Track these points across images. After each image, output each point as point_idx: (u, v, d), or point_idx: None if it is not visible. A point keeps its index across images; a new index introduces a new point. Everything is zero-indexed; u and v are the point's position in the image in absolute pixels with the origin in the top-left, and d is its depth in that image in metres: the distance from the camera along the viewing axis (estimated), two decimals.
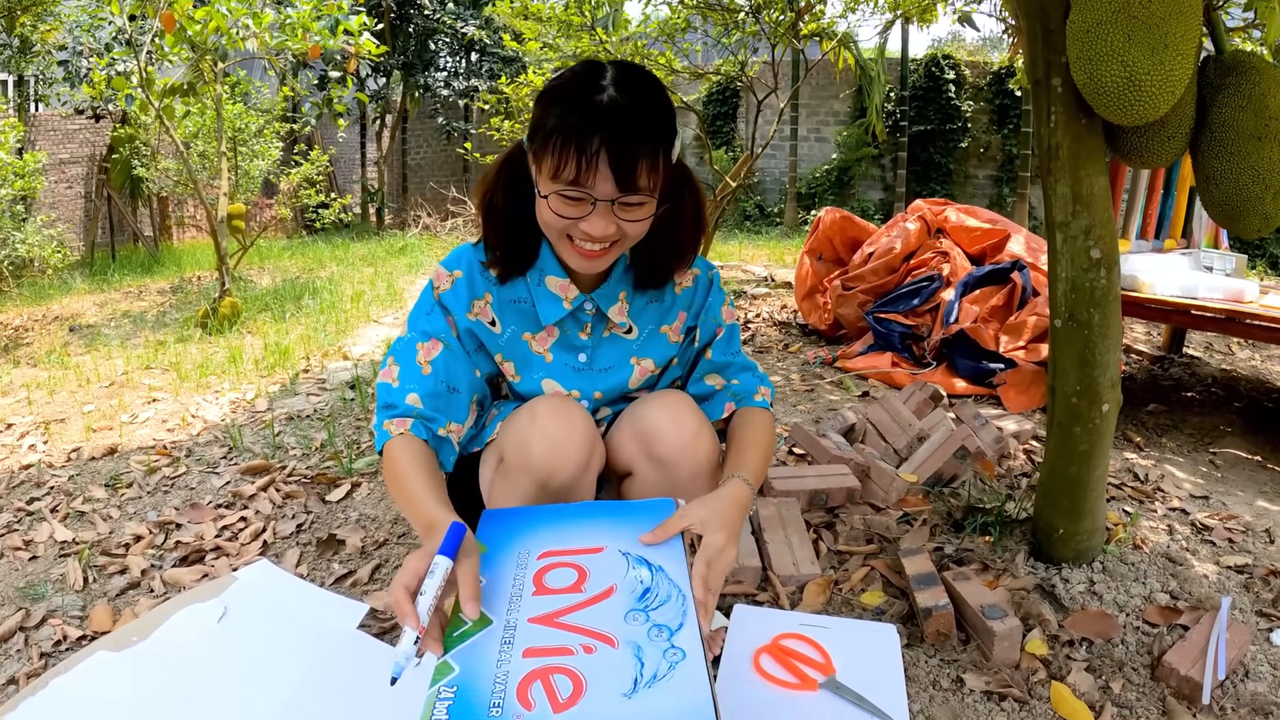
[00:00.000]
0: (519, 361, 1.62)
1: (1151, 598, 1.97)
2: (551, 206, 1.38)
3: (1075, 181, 1.85)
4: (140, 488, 2.68)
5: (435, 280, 1.58)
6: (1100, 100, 1.61)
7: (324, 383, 3.92)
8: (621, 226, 1.41)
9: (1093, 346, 1.93)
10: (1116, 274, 1.92)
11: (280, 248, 10.97)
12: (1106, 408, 1.97)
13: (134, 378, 4.38)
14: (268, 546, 2.23)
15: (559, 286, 1.57)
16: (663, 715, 1.01)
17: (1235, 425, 3.46)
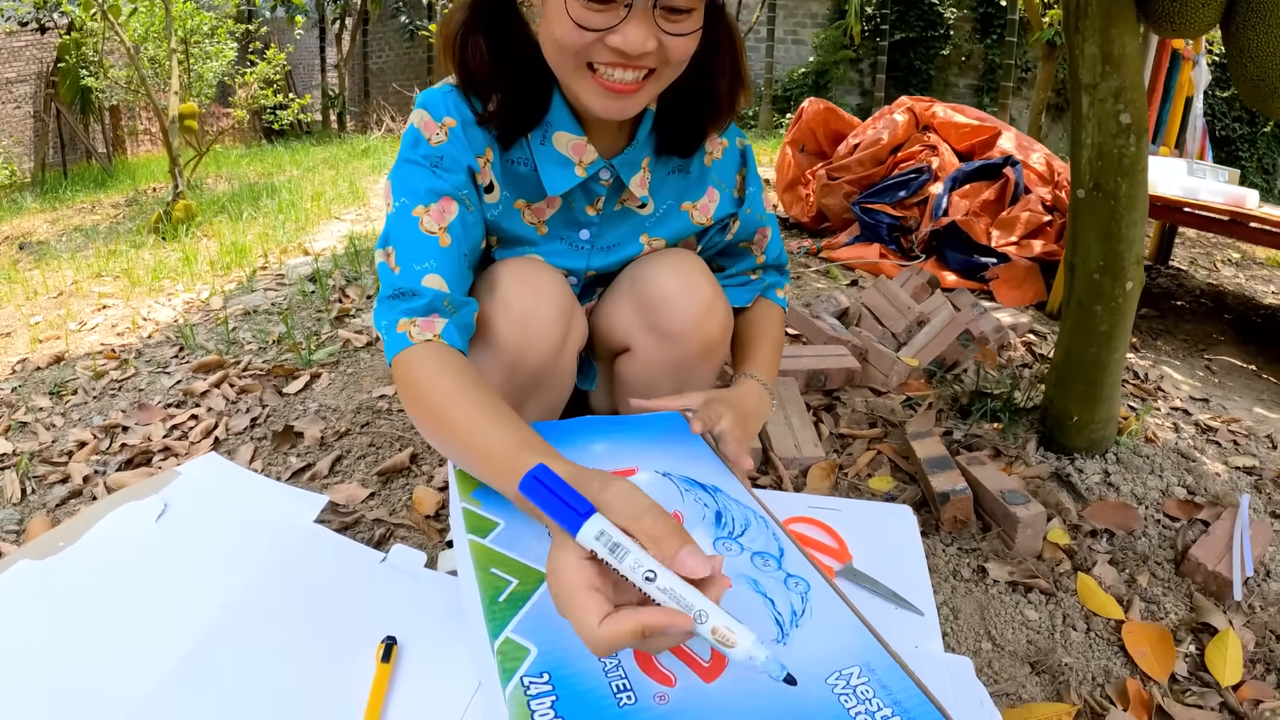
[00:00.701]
0: (504, 233, 1.31)
1: (1169, 491, 1.88)
2: (572, 14, 1.04)
3: (1105, 41, 1.68)
4: (86, 393, 2.48)
5: (422, 129, 1.20)
6: None
7: (283, 278, 3.70)
8: (664, 43, 1.07)
9: (1119, 219, 1.78)
10: (1146, 142, 1.76)
11: (238, 155, 10.56)
12: (1130, 286, 1.83)
13: (84, 287, 4.15)
14: (219, 443, 2.05)
15: (572, 147, 1.23)
16: (828, 659, 0.82)
17: (1227, 335, 3.44)
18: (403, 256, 1.13)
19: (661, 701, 0.75)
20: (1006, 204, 3.91)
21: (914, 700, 0.77)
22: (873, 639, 0.84)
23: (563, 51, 1.09)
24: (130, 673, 1.10)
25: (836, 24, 13.49)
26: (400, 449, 1.93)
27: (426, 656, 1.14)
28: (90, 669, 1.12)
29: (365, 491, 1.75)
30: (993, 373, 2.40)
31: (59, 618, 1.23)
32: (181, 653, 1.14)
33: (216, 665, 1.12)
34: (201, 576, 1.31)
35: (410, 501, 1.72)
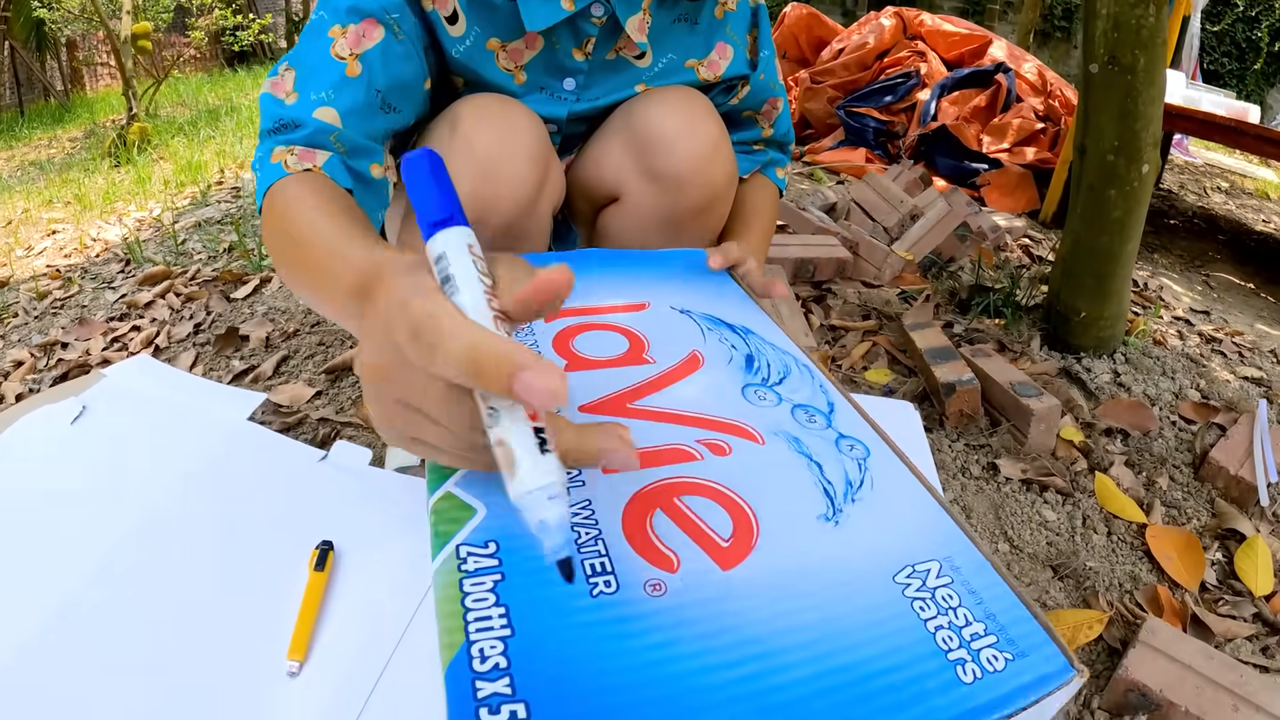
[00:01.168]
0: (474, 77, 1.08)
1: (1182, 394, 1.78)
2: None
3: None
4: (26, 314, 2.32)
5: None
6: None
7: (239, 191, 3.51)
8: None
9: (1136, 95, 1.63)
10: (1165, 12, 1.60)
11: (198, 81, 10.18)
12: (1147, 169, 1.69)
13: (33, 214, 3.94)
14: (159, 351, 1.89)
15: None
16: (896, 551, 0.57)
17: (1223, 254, 3.39)
18: (301, 83, 0.92)
19: (655, 591, 0.52)
20: (998, 111, 3.76)
21: (1012, 613, 0.54)
22: (955, 526, 0.60)
23: None
24: (44, 580, 0.96)
25: None
26: (351, 345, 1.77)
27: (368, 563, 1.00)
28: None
29: (311, 391, 1.59)
30: (991, 271, 2.26)
31: None
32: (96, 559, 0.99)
33: (134, 572, 0.98)
34: (120, 480, 1.16)
35: (358, 400, 1.57)
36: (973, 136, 3.55)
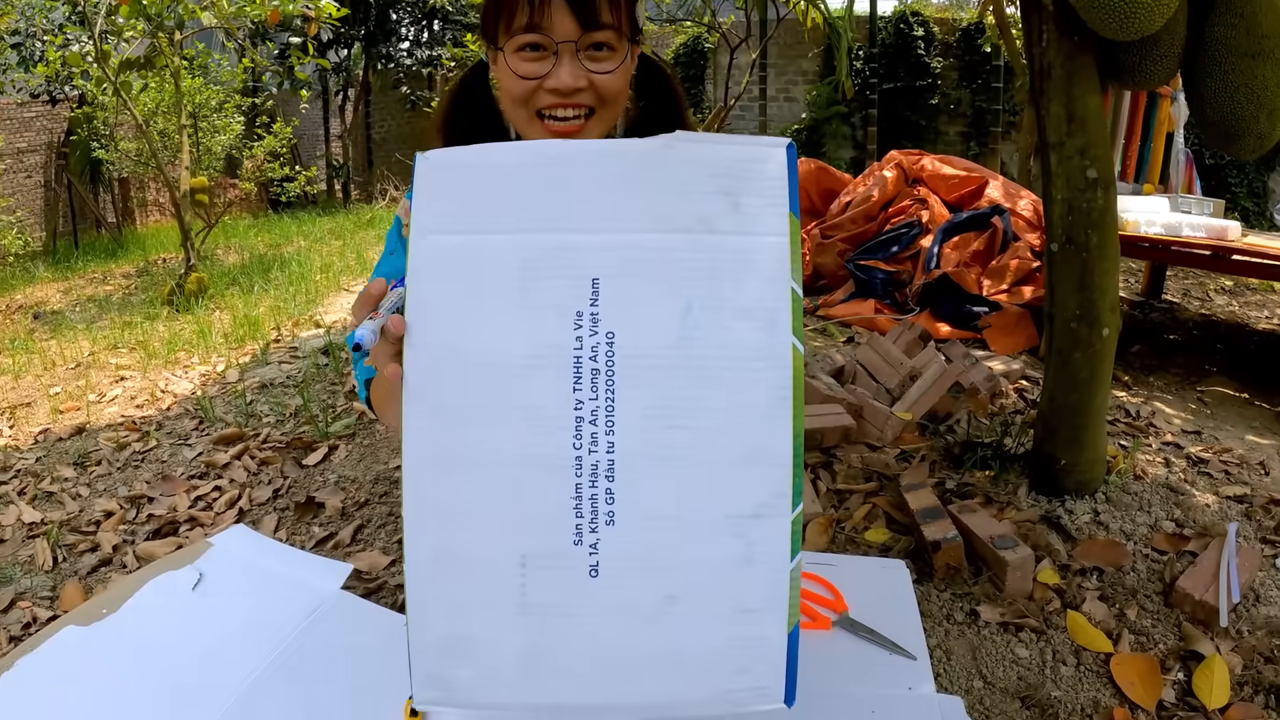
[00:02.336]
0: None
1: (1157, 526, 1.95)
2: (510, 65, 1.23)
3: (1069, 100, 1.79)
4: (110, 464, 2.58)
5: (400, 215, 1.37)
6: (1095, 14, 1.55)
7: (296, 351, 3.82)
8: (593, 80, 1.23)
9: (1091, 269, 1.88)
10: (1113, 194, 1.87)
11: (246, 225, 10.76)
12: (1107, 332, 1.92)
13: (100, 358, 4.25)
14: (244, 514, 2.14)
15: None
16: None
17: (1220, 365, 3.47)
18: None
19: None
20: (996, 252, 4.02)
21: None
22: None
23: (515, 103, 1.25)
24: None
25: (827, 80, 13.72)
26: None
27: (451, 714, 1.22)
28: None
29: (386, 559, 1.84)
30: (984, 420, 2.49)
31: (103, 682, 1.31)
32: (219, 716, 1.22)
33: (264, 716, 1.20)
34: (237, 642, 1.39)
35: None
36: (973, 281, 3.80)
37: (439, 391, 0.84)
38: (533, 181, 0.86)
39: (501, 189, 0.87)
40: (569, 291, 0.84)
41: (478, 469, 0.84)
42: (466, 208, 0.86)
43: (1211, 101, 1.70)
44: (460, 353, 0.84)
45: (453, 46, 13.64)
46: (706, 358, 0.84)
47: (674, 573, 0.85)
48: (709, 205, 0.84)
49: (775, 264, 0.83)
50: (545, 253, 0.84)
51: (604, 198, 0.86)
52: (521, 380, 0.83)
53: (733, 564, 0.85)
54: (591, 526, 0.84)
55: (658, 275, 0.84)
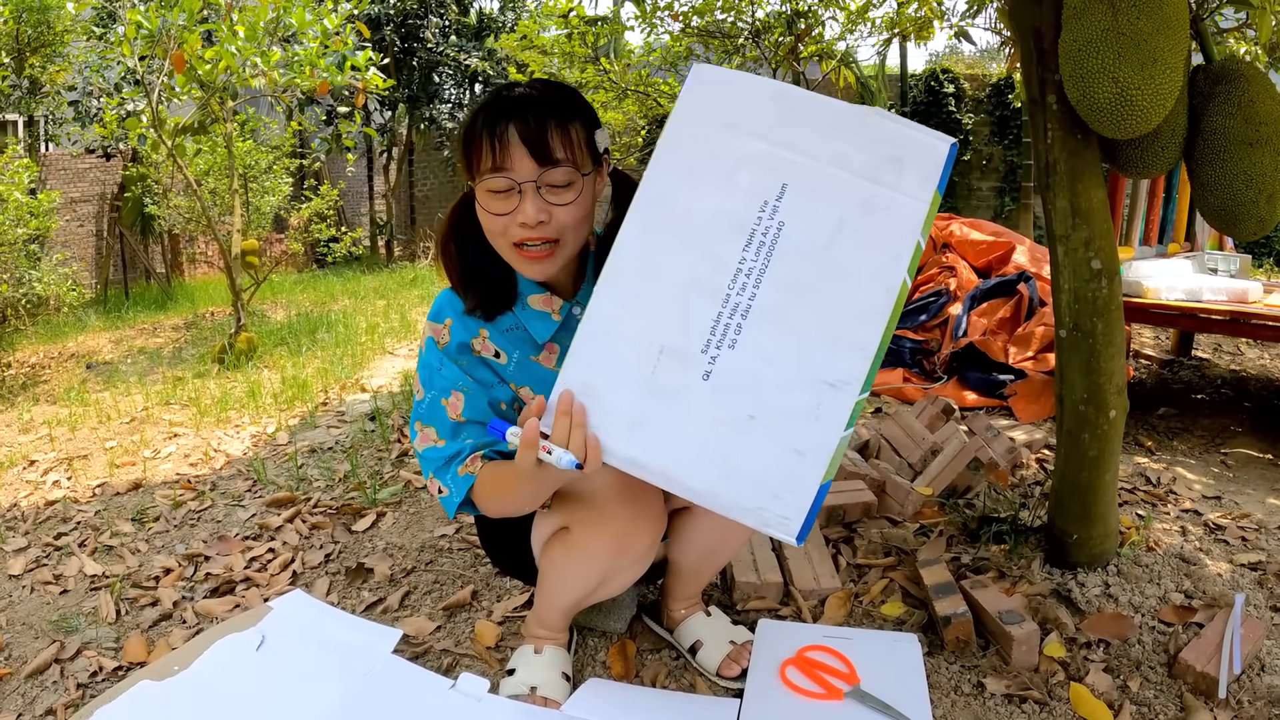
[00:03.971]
0: (535, 383, 1.62)
1: (1166, 598, 2.00)
2: (484, 206, 1.44)
3: (1074, 195, 1.91)
4: (167, 521, 2.73)
5: (433, 336, 1.58)
6: (1094, 116, 1.67)
7: (343, 415, 3.98)
8: (553, 213, 1.43)
9: (1097, 355, 1.97)
10: (1117, 284, 1.97)
11: (292, 281, 11.07)
12: (1114, 414, 2.01)
13: (154, 413, 4.44)
14: (297, 577, 2.27)
15: (542, 302, 1.59)
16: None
17: (1246, 424, 3.50)
18: (443, 432, 1.53)
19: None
20: (1023, 319, 4.12)
21: None
22: None
23: (494, 237, 1.48)
24: None
25: None
26: (462, 586, 2.16)
27: None
28: None
29: (432, 625, 1.97)
30: (1005, 494, 2.58)
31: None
32: None
33: None
34: (301, 702, 1.54)
35: (473, 634, 1.94)
36: (999, 349, 3.90)
37: (654, 219, 1.22)
38: (771, 105, 1.21)
39: (748, 103, 1.21)
40: (766, 185, 1.18)
41: (658, 276, 1.20)
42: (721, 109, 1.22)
43: (1212, 188, 1.81)
44: (677, 200, 1.21)
45: None
46: (842, 263, 1.15)
47: (760, 402, 1.16)
48: (881, 163, 1.16)
49: (912, 218, 1.14)
50: (760, 155, 1.19)
51: (813, 133, 1.18)
52: (712, 230, 1.19)
53: (804, 413, 1.15)
54: (718, 345, 1.17)
55: (829, 196, 1.16)
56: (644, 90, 5.63)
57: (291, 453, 3.34)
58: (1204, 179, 1.83)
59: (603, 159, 1.53)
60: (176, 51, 5.46)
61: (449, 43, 13.87)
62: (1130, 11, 1.58)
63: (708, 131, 1.22)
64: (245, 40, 5.53)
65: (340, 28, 5.94)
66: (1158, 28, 1.58)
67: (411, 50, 13.82)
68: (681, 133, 1.23)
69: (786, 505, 1.16)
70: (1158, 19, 1.58)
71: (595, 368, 1.22)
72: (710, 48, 5.42)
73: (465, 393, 1.54)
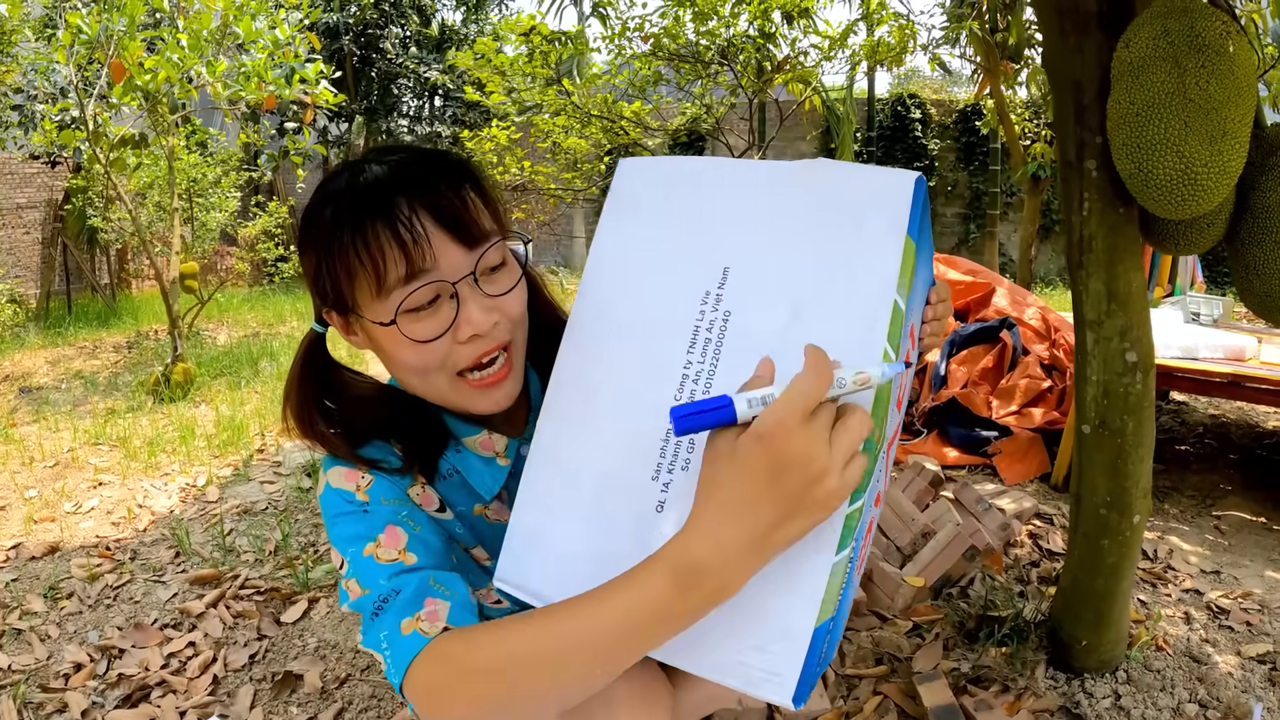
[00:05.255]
0: (490, 541, 1.20)
1: (1180, 709, 1.85)
2: (407, 334, 0.99)
3: (1111, 278, 1.68)
4: (81, 600, 2.45)
5: (341, 483, 1.09)
6: (1149, 193, 1.44)
7: (279, 466, 3.70)
8: (501, 308, 1.04)
9: (1126, 456, 1.76)
10: (1152, 378, 1.75)
11: (240, 299, 10.70)
12: (1138, 519, 1.81)
13: (80, 456, 4.13)
14: (218, 682, 2.01)
15: (482, 445, 1.18)
16: None
17: (1235, 481, 3.41)
18: (371, 579, 0.99)
19: None
20: (1006, 369, 3.93)
21: None
22: None
23: (423, 377, 1.05)
24: None
25: None
26: (402, 703, 1.88)
27: None
28: None
29: None
30: (1001, 582, 2.37)
31: None
32: None
33: None
34: None
35: None
36: (982, 402, 3.70)
37: (588, 332, 1.04)
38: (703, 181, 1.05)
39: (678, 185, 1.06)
40: (704, 273, 1.00)
41: (596, 398, 1.00)
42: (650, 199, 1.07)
43: (1259, 271, 1.58)
44: (613, 307, 1.03)
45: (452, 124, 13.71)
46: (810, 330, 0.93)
47: None
48: (835, 219, 0.97)
49: (883, 277, 0.93)
50: (694, 241, 1.02)
51: (752, 202, 1.02)
52: (650, 338, 0.99)
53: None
54: (669, 469, 0.94)
55: (778, 271, 0.97)
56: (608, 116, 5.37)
57: (218, 516, 3.05)
58: (1250, 260, 1.60)
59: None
60: (116, 59, 5.14)
61: (409, 54, 13.60)
62: (1199, 73, 1.34)
63: (638, 227, 1.06)
64: (188, 50, 5.21)
65: (291, 39, 5.62)
66: (1229, 95, 1.35)
67: (370, 61, 13.53)
68: (610, 236, 1.07)
69: (774, 658, 0.86)
70: (1229, 84, 1.35)
71: (541, 507, 1.00)
72: (680, 71, 5.20)
73: (409, 526, 1.05)
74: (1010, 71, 6.26)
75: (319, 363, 1.14)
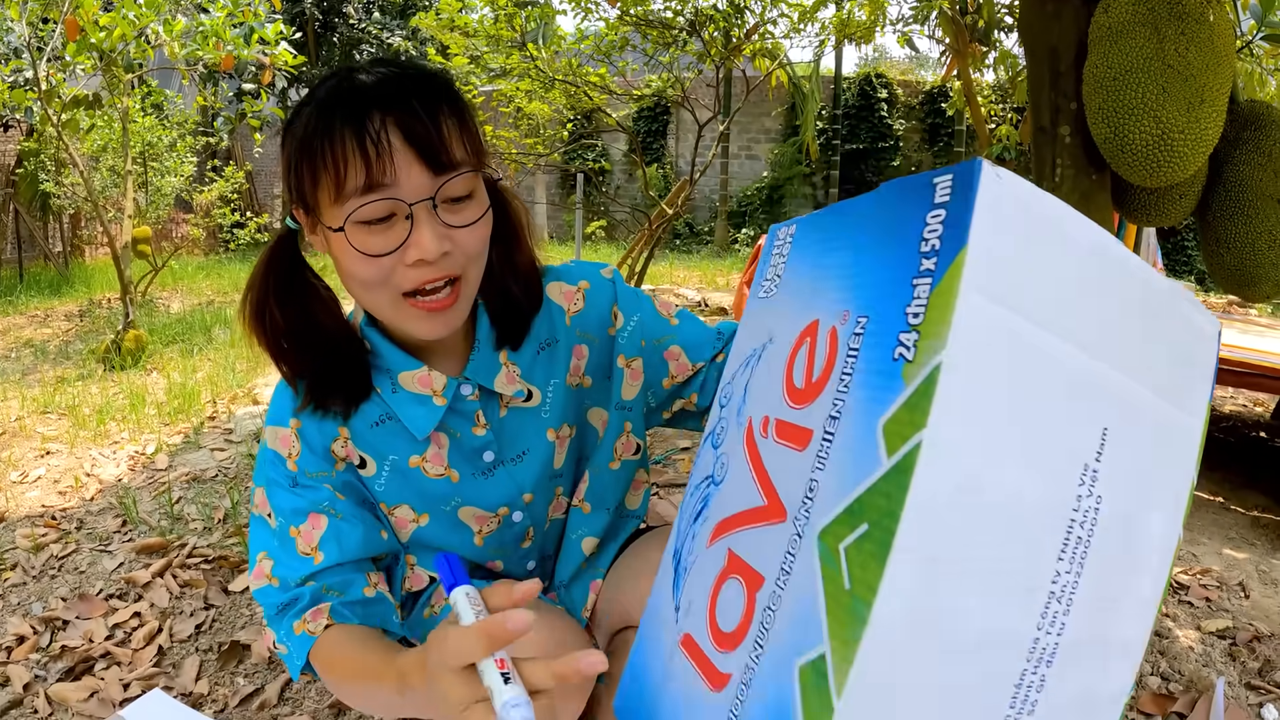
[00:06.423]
0: (418, 499, 1.19)
1: (1143, 683, 1.85)
2: (355, 245, 0.98)
3: None
4: (25, 571, 2.37)
5: (276, 445, 1.13)
6: (1123, 159, 1.41)
7: (230, 434, 3.61)
8: (457, 240, 1.00)
9: None
10: None
11: (195, 267, 10.51)
12: None
13: (28, 425, 4.02)
14: (163, 652, 1.94)
15: (419, 381, 1.14)
16: None
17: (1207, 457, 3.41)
18: (281, 569, 1.09)
19: None
20: None
21: None
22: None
23: (369, 288, 1.02)
24: None
25: (791, 140, 13.77)
26: None
27: None
28: None
29: None
30: None
31: None
32: None
33: None
34: None
35: None
36: None
37: (940, 537, 0.59)
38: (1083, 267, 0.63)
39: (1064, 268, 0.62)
40: (1085, 436, 0.65)
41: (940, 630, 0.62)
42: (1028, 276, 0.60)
43: (1230, 245, 1.56)
44: (978, 487, 0.60)
45: None
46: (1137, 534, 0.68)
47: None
48: (1175, 364, 0.69)
49: (1190, 444, 0.70)
50: (1085, 377, 0.64)
51: (1123, 327, 0.66)
52: (1020, 535, 0.63)
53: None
54: (1018, 714, 0.66)
55: (1138, 434, 0.67)
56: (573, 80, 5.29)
57: (167, 484, 2.98)
58: (1221, 233, 1.59)
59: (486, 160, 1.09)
60: (71, 16, 4.98)
61: (371, 19, 13.41)
62: (1178, 40, 1.31)
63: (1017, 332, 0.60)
64: (145, 7, 5.06)
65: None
66: (1208, 62, 1.32)
67: (332, 25, 13.34)
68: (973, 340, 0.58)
69: None
70: (1208, 52, 1.32)
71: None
72: (647, 38, 5.12)
73: (330, 515, 1.10)
74: (979, 54, 6.24)
75: (286, 259, 1.12)
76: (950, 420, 0.58)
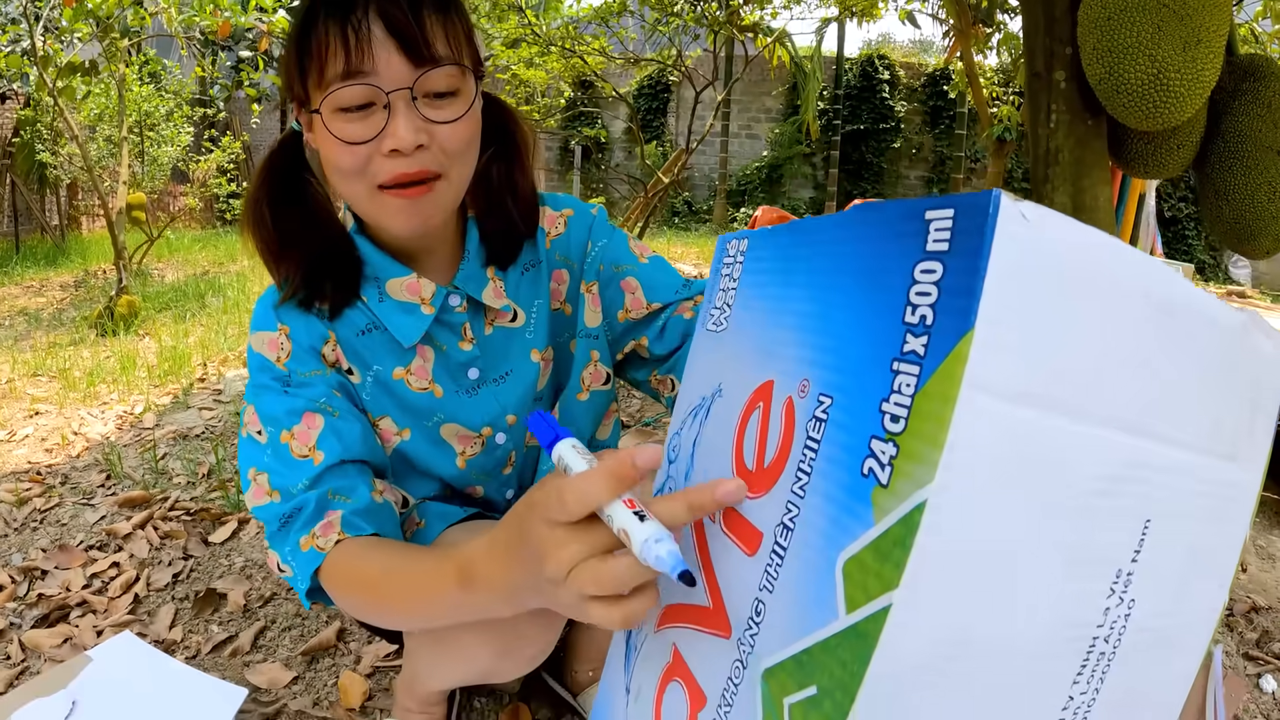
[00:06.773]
0: (399, 412, 1.17)
1: None
2: (334, 131, 0.97)
3: (1077, 191, 1.63)
4: (7, 524, 2.35)
5: (263, 349, 1.10)
6: (1119, 99, 1.38)
7: (220, 394, 3.58)
8: (434, 134, 0.99)
9: None
10: None
11: (191, 239, 10.44)
12: None
13: (18, 387, 3.99)
14: (139, 601, 1.92)
15: (407, 289, 1.13)
16: None
17: None
18: (278, 481, 1.04)
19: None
20: None
21: None
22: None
23: (345, 177, 1.01)
24: None
25: (791, 119, 13.70)
26: (327, 622, 1.81)
27: None
28: None
29: (289, 675, 1.62)
30: None
31: None
32: None
33: None
34: None
35: (336, 687, 1.60)
36: None
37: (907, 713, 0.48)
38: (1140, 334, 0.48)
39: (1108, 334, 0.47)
40: (1121, 538, 0.51)
41: None
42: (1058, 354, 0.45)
43: (1229, 197, 1.53)
44: (965, 640, 0.47)
45: None
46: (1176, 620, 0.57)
47: None
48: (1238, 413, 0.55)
49: (1248, 503, 0.57)
50: (1126, 467, 0.49)
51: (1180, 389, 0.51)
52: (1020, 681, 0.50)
53: None
54: None
55: (1187, 511, 0.54)
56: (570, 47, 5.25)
57: (154, 441, 2.95)
58: (1220, 185, 1.55)
59: (483, 70, 1.08)
60: None
61: None
62: None
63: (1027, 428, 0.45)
64: None
65: None
66: (1204, 3, 1.30)
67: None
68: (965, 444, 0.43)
69: None
70: None
71: None
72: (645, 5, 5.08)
73: (327, 413, 1.06)
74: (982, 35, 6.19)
75: (288, 161, 1.12)
76: (931, 579, 0.45)
